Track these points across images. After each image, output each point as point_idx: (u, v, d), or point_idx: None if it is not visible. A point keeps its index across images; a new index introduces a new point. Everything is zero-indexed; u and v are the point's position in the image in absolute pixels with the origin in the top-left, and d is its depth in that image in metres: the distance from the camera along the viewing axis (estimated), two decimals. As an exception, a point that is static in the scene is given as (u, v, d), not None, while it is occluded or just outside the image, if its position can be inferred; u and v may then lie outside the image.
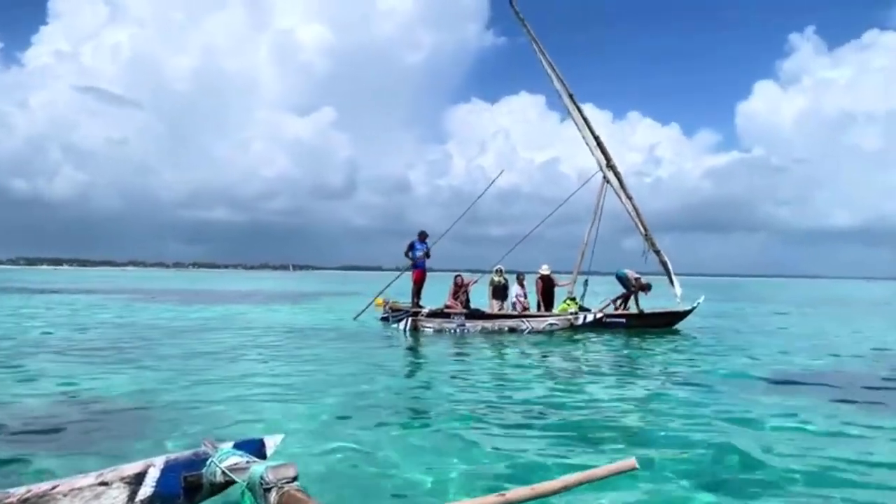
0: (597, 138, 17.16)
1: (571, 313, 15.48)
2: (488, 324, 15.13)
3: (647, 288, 16.17)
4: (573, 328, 15.01)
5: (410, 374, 9.59)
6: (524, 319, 15.13)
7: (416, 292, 16.89)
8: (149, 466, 3.19)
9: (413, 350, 12.62)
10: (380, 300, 25.77)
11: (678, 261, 16.45)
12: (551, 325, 14.93)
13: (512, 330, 14.88)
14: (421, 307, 16.51)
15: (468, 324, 15.14)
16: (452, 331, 14.96)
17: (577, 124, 17.38)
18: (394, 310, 16.89)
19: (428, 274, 17.46)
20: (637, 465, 3.09)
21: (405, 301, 17.33)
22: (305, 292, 43.88)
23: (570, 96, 17.34)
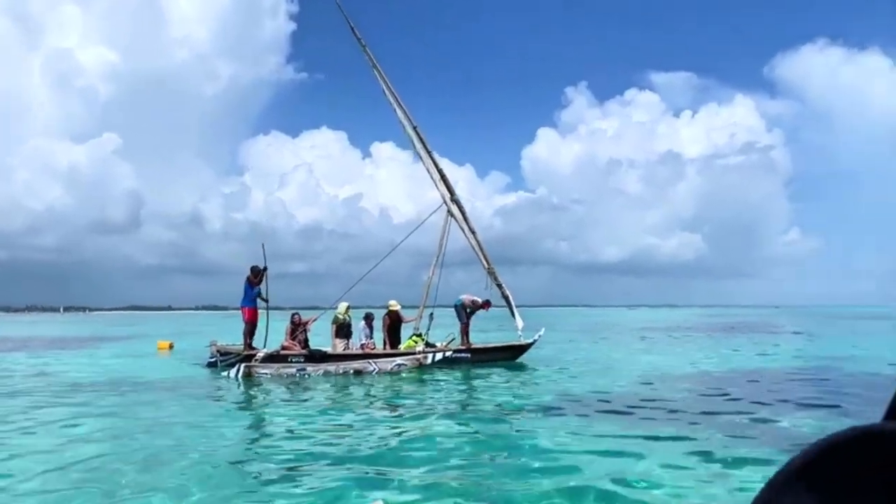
0: (441, 172, 17.05)
1: (420, 352, 14.85)
2: (332, 366, 13.87)
3: (487, 305, 16.17)
4: (421, 367, 14.36)
5: (227, 436, 7.77)
6: (371, 360, 14.13)
7: (249, 333, 14.97)
8: None
9: (241, 402, 10.88)
10: (163, 343, 22.99)
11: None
12: (399, 365, 14.14)
13: (358, 372, 13.77)
14: (254, 349, 14.67)
15: (310, 367, 13.73)
16: (292, 375, 13.41)
17: (421, 158, 17.12)
18: (222, 353, 14.78)
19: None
20: None
21: (235, 343, 15.33)
22: (85, 336, 37.60)
23: (415, 129, 17.08)
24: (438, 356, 14.76)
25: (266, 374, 13.40)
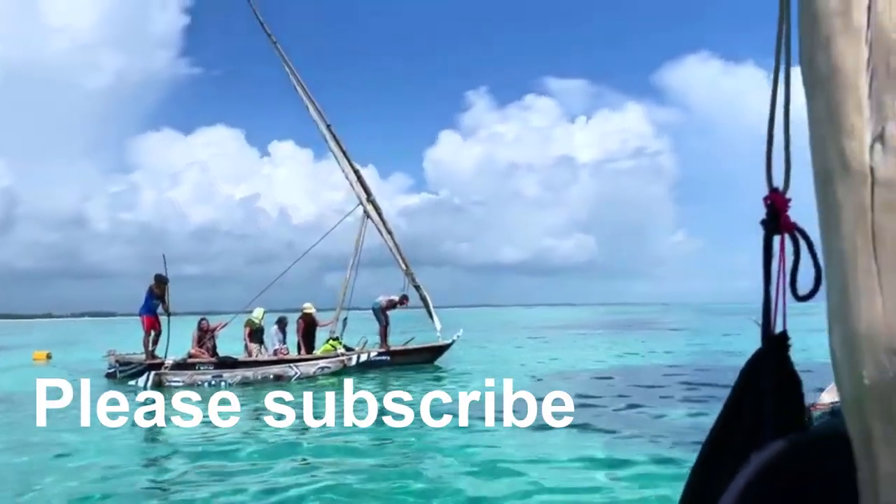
0: (357, 172, 16.78)
1: (341, 354, 14.55)
2: (250, 372, 13.20)
3: (404, 300, 16.16)
4: (345, 369, 14.04)
5: (128, 451, 7.29)
6: (292, 365, 13.62)
7: (153, 341, 14.03)
8: None
9: (144, 413, 10.04)
10: (39, 353, 21.06)
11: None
12: (322, 368, 13.73)
13: (278, 377, 13.21)
14: (157, 358, 13.69)
15: (226, 374, 12.97)
16: (207, 384, 12.63)
17: (335, 157, 16.76)
18: (122, 363, 13.64)
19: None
20: None
21: (135, 352, 14.23)
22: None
23: (329, 127, 16.71)
24: (363, 357, 14.54)
25: (178, 382, 12.52)
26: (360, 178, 16.73)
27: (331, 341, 15.41)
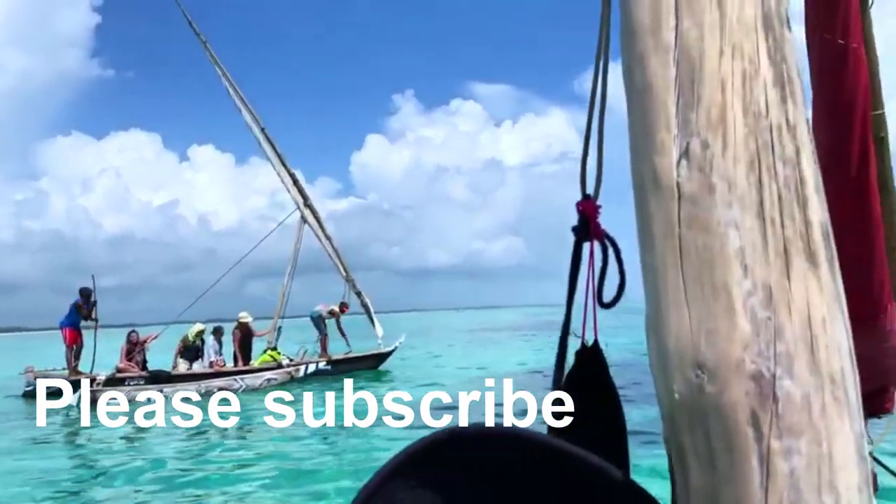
0: (292, 176, 16.47)
1: (288, 365, 14.27)
2: (192, 386, 12.72)
3: (343, 308, 16.03)
4: (292, 380, 13.77)
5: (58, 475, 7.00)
6: (238, 377, 13.23)
7: (75, 355, 13.40)
8: None
9: (73, 432, 9.57)
10: None
11: (311, 303, 16.57)
12: (269, 380, 13.38)
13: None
14: (81, 373, 13.06)
15: (167, 389, 12.45)
16: (147, 399, 12.12)
17: (271, 161, 16.40)
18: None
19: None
20: None
21: (56, 368, 13.52)
22: None
23: (263, 130, 16.34)
24: (311, 368, 14.28)
25: (114, 398, 11.96)
26: (296, 182, 16.43)
27: (269, 351, 15.02)
